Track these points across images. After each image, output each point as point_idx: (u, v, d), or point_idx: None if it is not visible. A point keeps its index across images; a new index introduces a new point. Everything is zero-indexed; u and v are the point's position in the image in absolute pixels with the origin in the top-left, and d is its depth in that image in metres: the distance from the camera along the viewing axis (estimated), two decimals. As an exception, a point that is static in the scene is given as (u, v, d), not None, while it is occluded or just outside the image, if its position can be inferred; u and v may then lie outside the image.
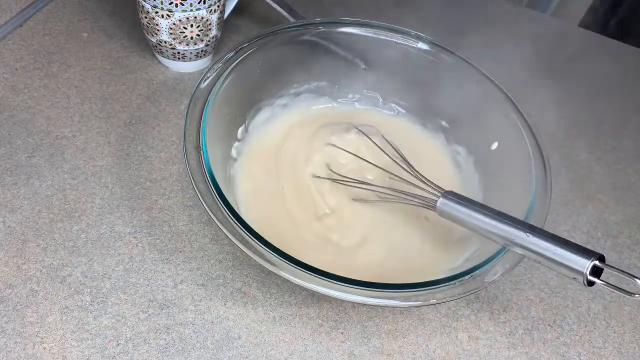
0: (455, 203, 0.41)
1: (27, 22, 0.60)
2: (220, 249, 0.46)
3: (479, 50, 0.68)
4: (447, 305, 0.45)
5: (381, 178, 0.48)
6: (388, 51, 0.53)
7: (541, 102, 0.64)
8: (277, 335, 0.42)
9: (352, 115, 0.55)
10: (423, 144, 0.54)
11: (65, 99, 0.54)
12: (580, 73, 0.69)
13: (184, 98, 0.56)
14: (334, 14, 0.70)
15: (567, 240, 0.36)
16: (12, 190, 0.46)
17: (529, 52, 0.70)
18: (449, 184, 0.50)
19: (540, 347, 0.44)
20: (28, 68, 0.56)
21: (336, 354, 0.41)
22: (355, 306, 0.44)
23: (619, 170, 0.59)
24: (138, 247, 0.45)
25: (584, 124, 0.63)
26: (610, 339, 0.46)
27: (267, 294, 0.44)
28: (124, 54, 0.59)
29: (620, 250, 0.52)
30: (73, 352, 0.39)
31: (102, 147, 0.51)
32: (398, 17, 0.71)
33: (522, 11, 0.78)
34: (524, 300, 0.47)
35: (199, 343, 0.40)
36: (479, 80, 0.51)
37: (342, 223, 0.47)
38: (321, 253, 0.44)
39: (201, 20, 0.53)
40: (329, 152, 0.51)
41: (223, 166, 0.46)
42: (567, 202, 0.55)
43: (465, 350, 0.43)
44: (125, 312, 0.41)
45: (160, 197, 0.48)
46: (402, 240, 0.47)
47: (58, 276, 0.42)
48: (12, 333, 0.39)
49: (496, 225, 0.39)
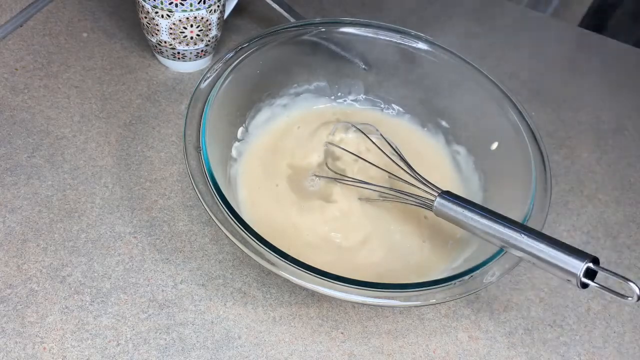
0: (451, 203, 0.41)
1: (27, 22, 0.60)
2: (220, 249, 0.46)
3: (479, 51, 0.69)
4: (447, 305, 0.45)
5: (380, 177, 0.49)
6: (388, 51, 0.53)
7: (541, 102, 0.65)
8: (277, 335, 0.42)
9: (352, 115, 0.55)
10: (423, 144, 0.54)
11: (65, 99, 0.54)
12: (580, 73, 0.69)
13: (184, 98, 0.56)
14: (334, 14, 0.70)
15: (562, 242, 0.36)
16: (12, 190, 0.46)
17: (528, 52, 0.71)
18: (448, 184, 0.50)
19: (540, 347, 0.44)
20: (28, 68, 0.56)
21: (336, 354, 0.41)
22: (355, 306, 0.44)
23: (619, 170, 0.59)
24: (138, 247, 0.45)
25: (584, 123, 0.63)
26: (610, 339, 0.46)
27: (267, 294, 0.44)
28: (124, 54, 0.59)
29: (620, 250, 0.52)
30: (73, 352, 0.39)
31: (102, 147, 0.51)
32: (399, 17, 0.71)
33: (522, 11, 0.78)
34: (524, 300, 0.47)
35: (199, 343, 0.40)
36: (479, 80, 0.50)
37: (342, 223, 0.47)
38: (321, 253, 0.44)
39: (201, 20, 0.53)
40: (328, 151, 0.51)
41: (223, 166, 0.46)
42: (567, 202, 0.55)
43: (465, 350, 0.43)
44: (125, 312, 0.41)
45: (160, 197, 0.48)
46: (402, 239, 0.47)
47: (58, 276, 0.42)
48: (12, 333, 0.39)
49: (491, 226, 0.39)
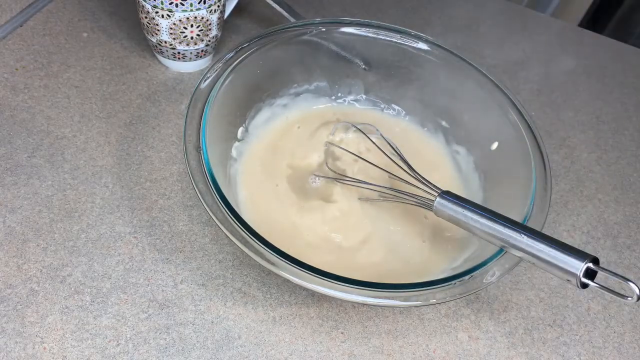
0: (451, 203, 0.41)
1: (27, 22, 0.60)
2: (220, 249, 0.46)
3: (479, 50, 0.69)
4: (447, 305, 0.45)
5: (380, 177, 0.49)
6: (388, 51, 0.53)
7: (541, 102, 0.65)
8: (277, 335, 0.42)
9: (352, 115, 0.55)
10: (423, 144, 0.54)
11: (65, 99, 0.54)
12: (580, 73, 0.69)
13: (184, 98, 0.56)
14: (334, 14, 0.70)
15: (562, 242, 0.36)
16: (12, 190, 0.46)
17: (528, 51, 0.71)
18: (448, 184, 0.50)
19: (540, 347, 0.44)
20: (28, 68, 0.56)
21: (336, 354, 0.41)
22: (355, 306, 0.44)
23: (619, 170, 0.59)
24: (138, 247, 0.45)
25: (584, 124, 0.63)
26: (610, 339, 0.46)
27: (267, 294, 0.44)
28: (124, 54, 0.59)
29: (620, 250, 0.52)
30: (73, 352, 0.39)
31: (102, 147, 0.51)
32: (400, 17, 0.71)
33: (522, 11, 0.78)
34: (524, 300, 0.47)
35: (199, 343, 0.40)
36: (479, 80, 0.50)
37: (342, 223, 0.47)
38: (321, 253, 0.44)
39: (201, 20, 0.53)
40: (328, 151, 0.51)
41: (223, 166, 0.46)
42: (567, 202, 0.55)
43: (465, 350, 0.43)
44: (126, 312, 0.41)
45: (160, 197, 0.48)
46: (402, 239, 0.47)
47: (58, 276, 0.42)
48: (12, 333, 0.39)
49: (491, 226, 0.39)
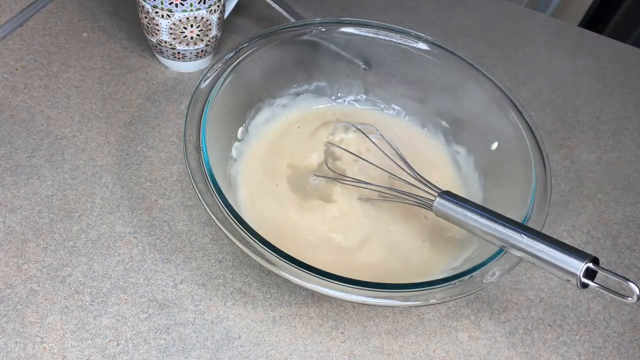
0: (451, 203, 0.41)
1: (27, 22, 0.60)
2: (220, 249, 0.46)
3: (479, 50, 0.69)
4: (447, 305, 0.45)
5: (380, 177, 0.49)
6: (388, 51, 0.53)
7: (541, 102, 0.65)
8: (277, 335, 0.42)
9: (352, 115, 0.55)
10: (423, 144, 0.54)
11: (65, 99, 0.54)
12: (579, 73, 0.69)
13: (184, 98, 0.56)
14: (334, 14, 0.70)
15: (562, 242, 0.36)
16: (12, 190, 0.46)
17: (528, 52, 0.71)
18: (448, 184, 0.50)
19: (540, 347, 0.44)
20: (28, 68, 0.56)
21: (336, 354, 0.41)
22: (355, 306, 0.44)
23: (619, 170, 0.59)
24: (138, 247, 0.45)
25: (584, 124, 0.63)
26: (610, 339, 0.46)
27: (267, 294, 0.44)
28: (124, 54, 0.59)
29: (620, 250, 0.52)
30: (73, 352, 0.39)
31: (102, 147, 0.51)
32: (400, 17, 0.71)
33: (521, 11, 0.78)
34: (524, 300, 0.47)
35: (199, 343, 0.40)
36: (479, 80, 0.50)
37: (342, 223, 0.47)
38: (321, 253, 0.44)
39: (201, 20, 0.53)
40: (328, 151, 0.51)
41: (223, 166, 0.46)
42: (567, 202, 0.55)
43: (465, 350, 0.43)
44: (125, 312, 0.41)
45: (160, 197, 0.48)
46: (402, 239, 0.47)
47: (58, 276, 0.42)
48: (12, 333, 0.39)
49: (491, 226, 0.39)
